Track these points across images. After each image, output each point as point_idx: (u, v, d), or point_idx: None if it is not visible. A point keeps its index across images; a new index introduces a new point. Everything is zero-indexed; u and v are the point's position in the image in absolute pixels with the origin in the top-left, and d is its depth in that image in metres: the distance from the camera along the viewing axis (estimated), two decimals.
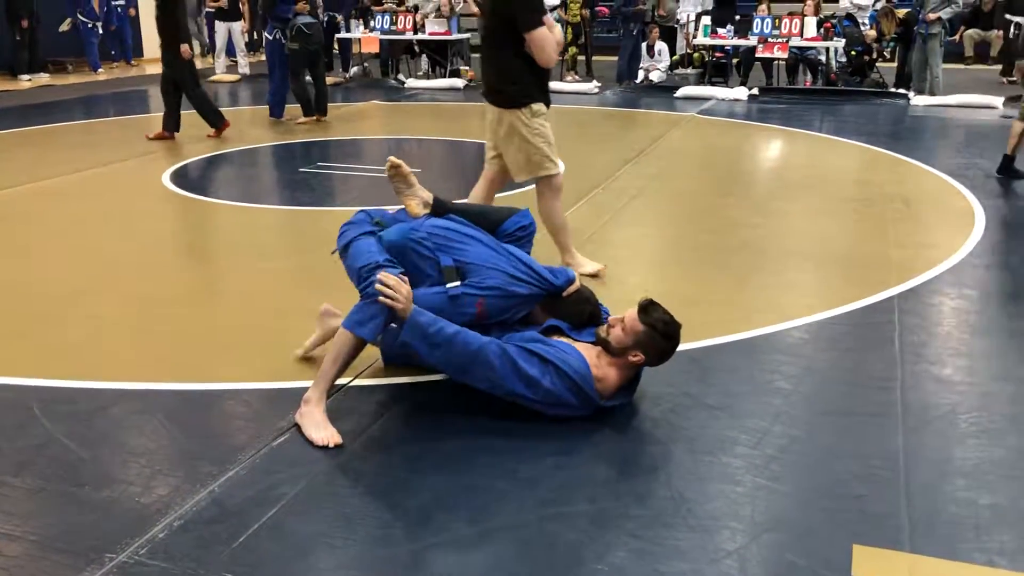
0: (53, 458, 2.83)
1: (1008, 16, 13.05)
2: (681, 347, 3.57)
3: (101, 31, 14.89)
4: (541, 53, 4.18)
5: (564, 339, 3.14)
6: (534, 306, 3.29)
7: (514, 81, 4.32)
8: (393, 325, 3.01)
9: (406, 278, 2.96)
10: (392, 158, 3.51)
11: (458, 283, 3.13)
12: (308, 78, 9.77)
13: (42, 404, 3.19)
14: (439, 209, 3.46)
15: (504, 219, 3.51)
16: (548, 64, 4.25)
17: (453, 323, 2.92)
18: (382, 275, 2.90)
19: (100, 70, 14.68)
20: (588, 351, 3.05)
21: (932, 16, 10.88)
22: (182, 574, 2.25)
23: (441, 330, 2.87)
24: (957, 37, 13.92)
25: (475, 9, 12.40)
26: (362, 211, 3.42)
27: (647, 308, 3.02)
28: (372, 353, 3.47)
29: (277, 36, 9.40)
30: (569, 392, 2.94)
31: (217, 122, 8.80)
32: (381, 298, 2.86)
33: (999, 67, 13.72)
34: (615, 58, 13.52)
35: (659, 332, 3.00)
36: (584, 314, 3.28)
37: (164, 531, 2.43)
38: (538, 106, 4.36)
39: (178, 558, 2.31)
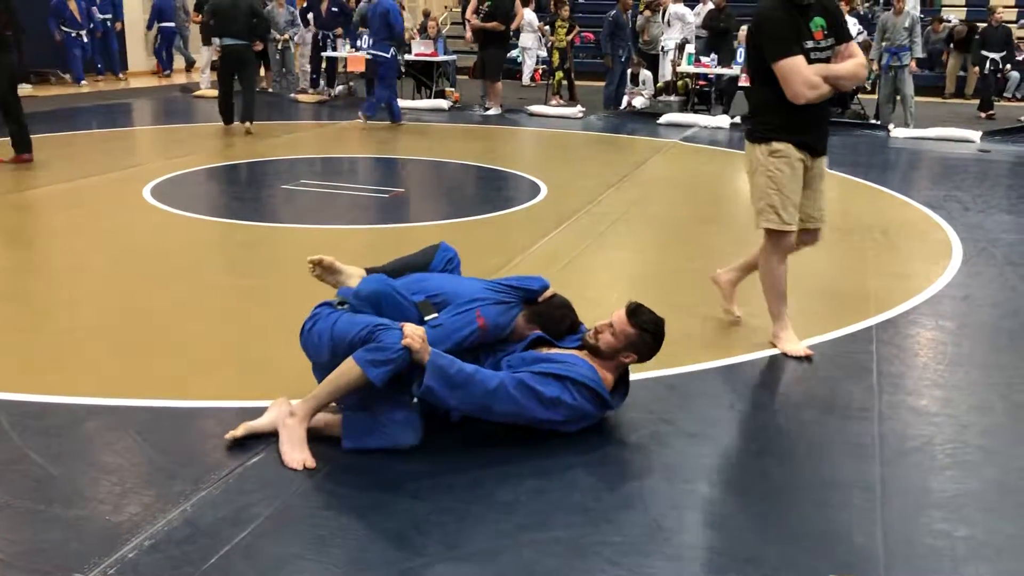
0: (21, 474, 2.78)
1: (984, 52, 13.27)
2: (659, 373, 3.59)
3: (86, 39, 14.68)
4: (787, 86, 3.67)
5: (555, 350, 3.16)
6: (517, 315, 3.25)
7: (758, 114, 3.96)
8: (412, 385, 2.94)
9: (421, 329, 2.92)
10: (310, 258, 3.36)
11: (436, 315, 3.07)
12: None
13: (12, 418, 3.14)
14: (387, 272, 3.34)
15: (430, 259, 3.46)
16: (795, 99, 3.67)
17: (462, 359, 2.93)
18: (404, 325, 2.85)
19: (84, 82, 14.58)
20: (584, 357, 3.10)
21: (913, 65, 11.09)
22: None
23: (461, 370, 2.85)
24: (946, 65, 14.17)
25: (469, 35, 12.48)
26: (321, 304, 3.20)
27: (636, 311, 3.11)
28: None
29: (394, 53, 11.01)
30: (589, 402, 3.01)
31: (21, 148, 7.93)
32: (406, 341, 2.78)
33: (976, 102, 13.93)
34: (599, 83, 13.62)
35: (650, 333, 3.11)
36: (567, 321, 3.29)
37: (134, 551, 2.39)
38: (781, 146, 3.81)
39: None
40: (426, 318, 3.06)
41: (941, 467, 3.00)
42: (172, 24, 16.50)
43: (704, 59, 12.43)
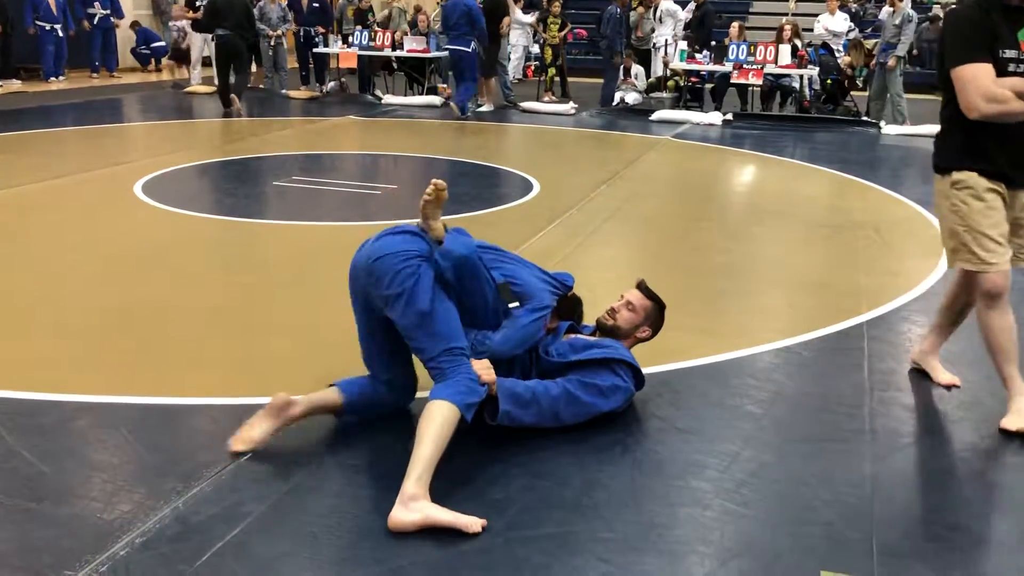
0: (12, 472, 2.77)
1: None
2: (652, 370, 3.59)
3: (61, 34, 14.36)
4: (961, 97, 3.11)
5: (580, 336, 3.33)
6: None
7: (942, 135, 3.37)
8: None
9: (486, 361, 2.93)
10: (436, 180, 3.04)
11: (517, 304, 3.06)
12: None
13: (2, 416, 3.13)
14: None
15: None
16: (968, 111, 3.10)
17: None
18: (474, 365, 2.85)
19: (53, 79, 14.32)
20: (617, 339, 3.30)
21: (892, 63, 11.09)
22: None
23: (527, 388, 2.99)
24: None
25: None
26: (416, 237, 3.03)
27: (647, 287, 3.37)
28: (345, 370, 3.44)
29: (475, 48, 11.73)
30: (632, 380, 3.19)
31: None
32: (485, 379, 2.84)
33: None
34: (592, 80, 13.60)
35: (660, 305, 3.37)
36: (580, 311, 3.46)
37: (125, 548, 2.39)
38: (964, 175, 3.23)
39: None
40: (510, 305, 3.04)
41: (932, 463, 3.01)
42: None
43: (696, 56, 12.44)
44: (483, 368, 2.86)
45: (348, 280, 3.03)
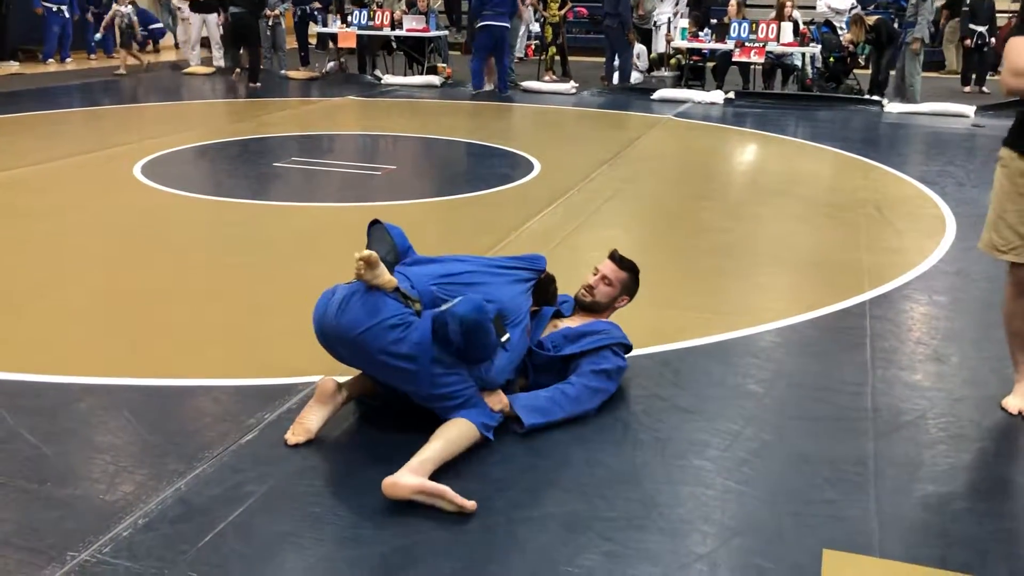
0: (15, 453, 2.77)
1: (972, 26, 13.20)
2: (653, 350, 3.59)
3: (67, 15, 14.19)
4: (1007, 67, 2.92)
5: (568, 320, 3.34)
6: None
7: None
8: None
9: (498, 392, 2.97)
10: (359, 255, 2.78)
11: (507, 335, 2.99)
12: None
13: (5, 398, 3.13)
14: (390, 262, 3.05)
15: (396, 240, 3.17)
16: (1002, 86, 3.00)
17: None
18: (488, 400, 2.90)
19: (56, 61, 14.27)
20: (595, 316, 3.33)
21: (916, 46, 11.01)
22: (146, 573, 2.21)
23: (545, 398, 3.03)
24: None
25: None
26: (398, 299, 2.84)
27: (620, 258, 3.40)
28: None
29: (512, 24, 12.04)
30: (624, 359, 3.23)
31: None
32: (498, 408, 2.92)
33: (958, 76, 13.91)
34: (592, 59, 13.50)
35: (634, 272, 3.40)
36: (554, 290, 3.42)
37: (128, 529, 2.39)
38: (1003, 152, 3.09)
39: (142, 557, 2.27)
40: (503, 339, 2.95)
41: (934, 441, 3.01)
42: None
43: (698, 34, 12.37)
44: (495, 401, 2.92)
45: (316, 334, 2.92)
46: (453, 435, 2.76)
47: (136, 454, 2.82)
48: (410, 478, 2.54)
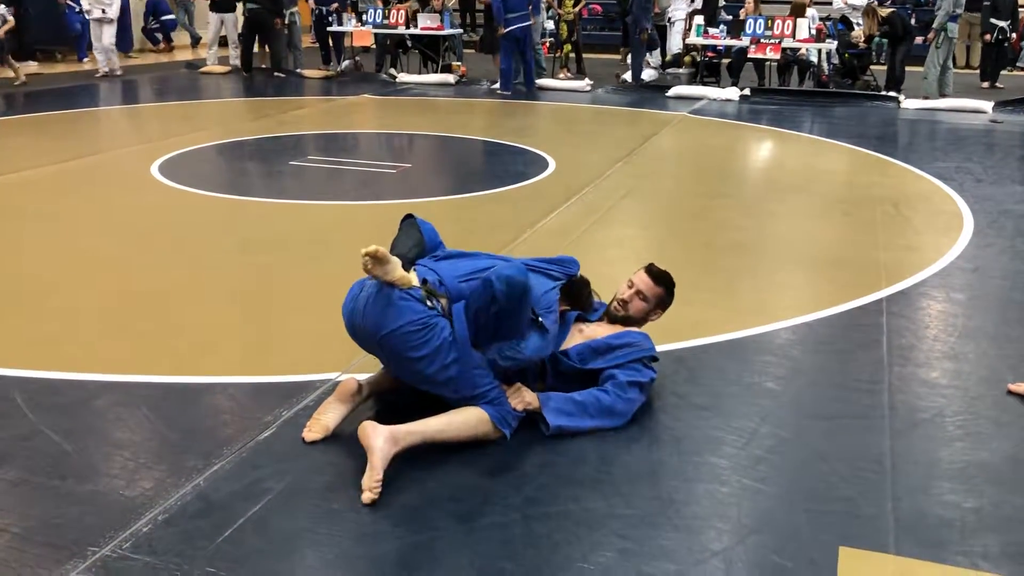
0: (36, 450, 2.80)
1: (993, 20, 13.09)
2: (669, 347, 3.59)
3: (87, 17, 14.44)
4: None
5: (597, 327, 3.26)
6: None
7: None
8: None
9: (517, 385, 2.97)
10: (365, 250, 2.76)
11: (542, 318, 2.99)
12: None
13: (25, 395, 3.16)
14: (407, 261, 3.02)
15: (425, 235, 3.18)
16: None
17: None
18: (514, 392, 2.92)
19: (86, 59, 14.44)
20: (630, 327, 3.25)
21: (930, 35, 10.93)
22: (166, 568, 2.23)
23: (576, 403, 2.97)
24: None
25: None
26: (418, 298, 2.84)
27: (656, 271, 3.32)
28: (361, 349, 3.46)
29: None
30: (655, 371, 3.16)
31: None
32: (521, 408, 2.92)
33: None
34: (607, 56, 13.46)
35: (669, 288, 3.33)
36: (590, 297, 3.34)
37: (148, 525, 2.42)
38: None
39: (162, 552, 2.30)
40: (537, 319, 2.95)
41: (951, 439, 3.00)
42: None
43: (713, 30, 12.32)
44: (519, 398, 2.91)
45: (346, 328, 2.95)
46: (458, 419, 2.80)
47: (155, 451, 2.84)
48: (381, 442, 2.62)
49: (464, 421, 2.81)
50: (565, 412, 2.95)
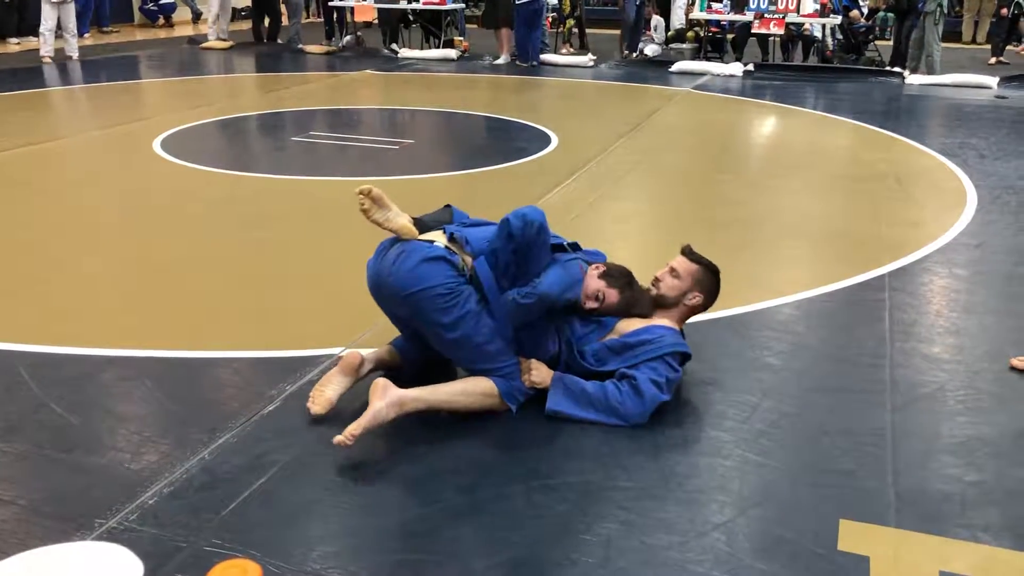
0: (42, 423, 2.82)
1: None
2: None
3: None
4: None
5: (628, 323, 3.07)
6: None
7: None
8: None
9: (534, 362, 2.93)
10: (360, 188, 2.85)
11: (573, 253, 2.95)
12: None
13: (31, 369, 3.18)
14: (424, 226, 3.00)
15: (454, 211, 3.18)
16: None
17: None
18: (527, 367, 2.90)
19: (87, 35, 14.36)
20: (659, 319, 3.09)
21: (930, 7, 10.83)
22: (172, 540, 2.25)
23: (582, 390, 2.89)
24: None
25: None
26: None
27: (692, 251, 3.17)
28: (365, 324, 3.47)
29: None
30: (681, 367, 3.00)
31: None
32: (535, 383, 2.90)
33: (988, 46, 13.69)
34: (610, 31, 13.39)
35: (710, 269, 3.15)
36: (645, 305, 3.13)
37: (154, 497, 2.43)
38: None
39: (168, 524, 2.32)
40: (570, 254, 2.91)
41: (952, 413, 3.01)
42: None
43: (716, 5, 12.24)
44: (533, 372, 2.89)
45: (369, 289, 2.94)
46: (466, 389, 2.82)
47: (160, 424, 2.86)
48: (382, 405, 2.66)
49: (471, 391, 2.83)
50: (570, 398, 2.89)
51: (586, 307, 3.01)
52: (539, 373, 2.92)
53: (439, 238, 2.91)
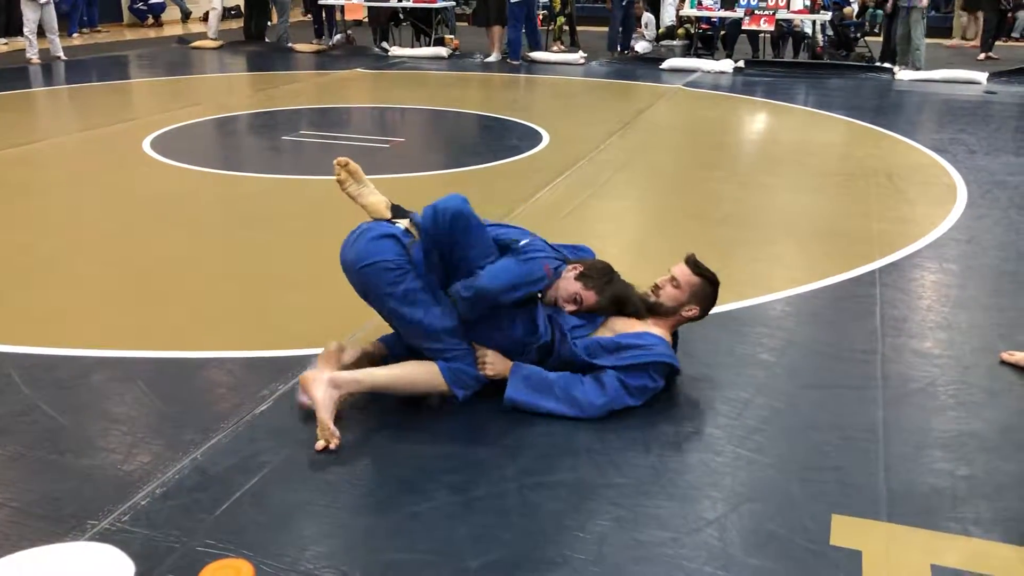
0: (33, 425, 2.81)
1: None
2: None
3: None
4: None
5: (619, 323, 3.05)
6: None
7: None
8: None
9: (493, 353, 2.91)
10: (338, 159, 3.05)
11: (527, 240, 2.92)
12: None
13: (21, 371, 3.17)
14: (400, 212, 3.06)
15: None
16: None
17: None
18: (482, 357, 2.88)
19: (75, 35, 14.30)
20: (649, 326, 3.05)
21: (924, 2, 10.84)
22: (164, 541, 2.25)
23: (543, 379, 2.88)
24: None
25: None
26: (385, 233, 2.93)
27: (696, 262, 3.14)
28: (357, 323, 3.47)
29: None
30: (664, 377, 2.97)
31: None
32: (488, 373, 2.88)
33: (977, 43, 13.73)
34: (601, 28, 13.40)
35: (710, 281, 3.13)
36: (635, 304, 3.12)
37: (146, 498, 2.43)
38: None
39: (160, 525, 2.31)
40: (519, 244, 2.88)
41: (943, 408, 3.02)
42: None
43: (706, 1, 12.25)
44: (487, 361, 2.87)
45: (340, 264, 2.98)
46: (406, 371, 2.86)
47: (152, 425, 2.85)
48: (320, 393, 2.71)
49: (412, 374, 2.85)
50: (528, 387, 2.87)
51: (566, 310, 3.00)
52: (494, 365, 2.89)
53: (403, 222, 2.97)
